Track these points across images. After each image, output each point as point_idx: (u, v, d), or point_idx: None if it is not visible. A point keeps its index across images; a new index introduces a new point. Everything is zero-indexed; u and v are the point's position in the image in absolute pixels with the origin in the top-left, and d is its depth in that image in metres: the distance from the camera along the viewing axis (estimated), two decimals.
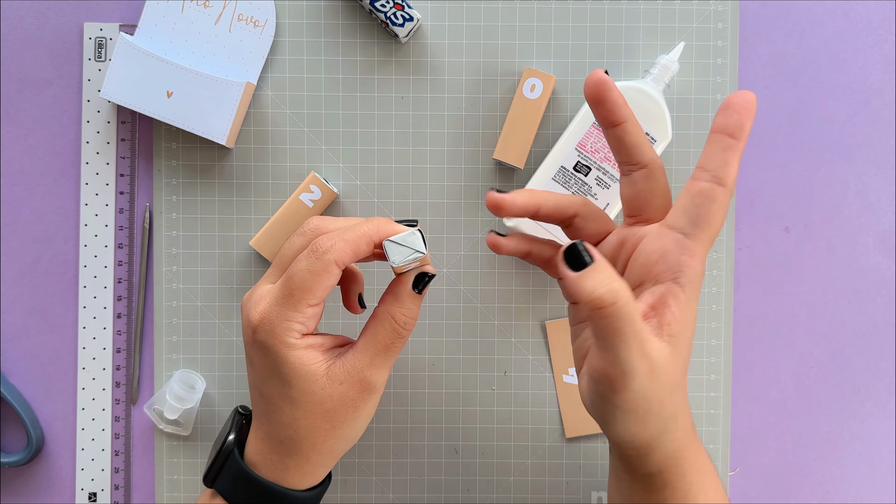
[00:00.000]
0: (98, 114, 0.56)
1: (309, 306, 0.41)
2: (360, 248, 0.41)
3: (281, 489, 0.44)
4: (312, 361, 0.42)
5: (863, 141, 0.56)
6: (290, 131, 0.56)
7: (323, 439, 0.44)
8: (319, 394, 0.42)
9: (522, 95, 0.53)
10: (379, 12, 0.53)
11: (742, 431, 0.57)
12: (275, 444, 0.44)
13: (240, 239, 0.56)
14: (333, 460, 0.45)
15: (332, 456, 0.45)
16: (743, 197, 0.56)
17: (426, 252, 0.42)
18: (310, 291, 0.41)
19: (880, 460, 0.57)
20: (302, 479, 0.44)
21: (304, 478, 0.44)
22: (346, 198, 0.56)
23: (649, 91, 0.50)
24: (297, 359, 0.42)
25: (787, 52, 0.56)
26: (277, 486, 0.44)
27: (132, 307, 0.56)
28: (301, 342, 0.42)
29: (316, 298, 0.41)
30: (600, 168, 0.51)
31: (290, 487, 0.44)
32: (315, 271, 0.41)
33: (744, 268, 0.56)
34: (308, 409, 0.43)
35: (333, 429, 0.43)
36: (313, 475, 0.45)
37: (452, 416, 0.56)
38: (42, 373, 0.56)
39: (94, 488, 0.56)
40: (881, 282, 0.56)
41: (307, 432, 0.43)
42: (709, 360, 0.56)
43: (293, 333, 0.41)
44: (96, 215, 0.56)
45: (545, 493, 0.56)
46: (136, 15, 0.55)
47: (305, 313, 0.41)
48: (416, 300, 0.43)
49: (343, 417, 0.43)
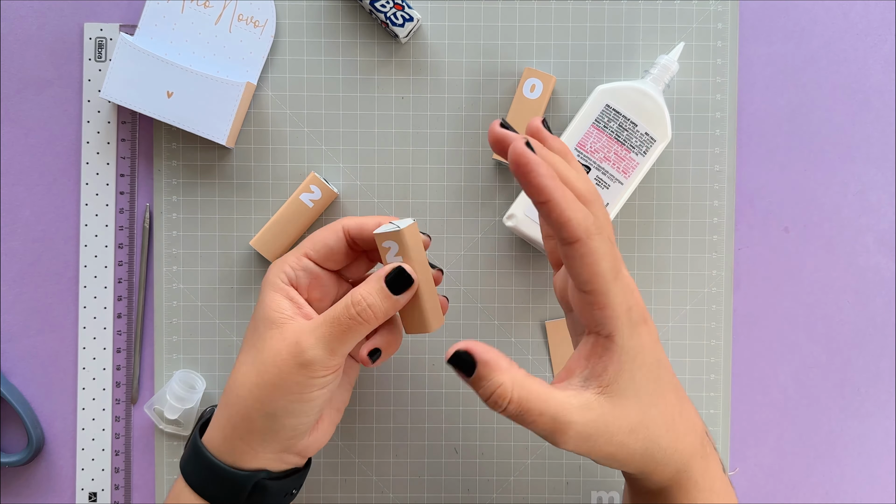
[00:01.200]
0: (98, 114, 0.56)
1: (304, 256, 0.46)
2: (366, 224, 0.46)
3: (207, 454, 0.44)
4: (279, 309, 0.44)
5: (863, 141, 0.56)
6: (290, 131, 0.56)
7: (247, 395, 0.43)
8: (266, 342, 0.43)
9: (522, 95, 0.53)
10: (379, 12, 0.53)
11: (742, 431, 0.57)
12: (222, 396, 0.45)
13: (240, 239, 0.56)
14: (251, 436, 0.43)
15: (249, 425, 0.43)
16: (743, 197, 0.56)
17: (401, 228, 0.43)
18: (311, 241, 0.46)
19: (880, 460, 0.57)
20: (226, 447, 0.44)
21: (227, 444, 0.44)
22: (346, 198, 0.56)
23: (649, 91, 0.50)
24: (271, 300, 0.44)
25: (787, 52, 0.56)
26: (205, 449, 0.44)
27: (132, 307, 0.56)
28: (283, 287, 0.45)
29: (314, 250, 0.45)
30: (600, 168, 0.51)
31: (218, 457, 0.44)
32: (323, 229, 0.47)
33: (744, 268, 0.56)
34: (253, 354, 0.43)
35: (259, 387, 0.43)
36: (234, 444, 0.44)
37: (452, 416, 0.56)
38: (42, 373, 0.56)
39: (94, 488, 0.56)
40: (881, 282, 0.56)
41: (241, 379, 0.44)
42: (709, 360, 0.56)
43: (281, 275, 0.45)
44: (96, 215, 0.56)
45: (545, 493, 0.56)
46: (136, 15, 0.55)
47: (300, 262, 0.45)
48: (383, 293, 0.42)
49: (269, 378, 0.42)
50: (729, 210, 0.56)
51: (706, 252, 0.56)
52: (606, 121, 0.51)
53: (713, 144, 0.55)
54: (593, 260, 0.37)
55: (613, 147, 0.51)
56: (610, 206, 0.51)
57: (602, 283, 0.37)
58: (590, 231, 0.37)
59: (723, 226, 0.56)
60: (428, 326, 0.44)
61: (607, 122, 0.51)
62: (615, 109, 0.51)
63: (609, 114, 0.51)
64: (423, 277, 0.44)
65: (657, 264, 0.56)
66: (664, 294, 0.56)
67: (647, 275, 0.56)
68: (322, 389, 0.43)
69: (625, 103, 0.51)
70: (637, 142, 0.51)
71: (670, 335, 0.56)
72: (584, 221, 0.37)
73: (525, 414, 0.37)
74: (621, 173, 0.51)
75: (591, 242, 0.37)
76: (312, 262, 0.46)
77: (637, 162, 0.51)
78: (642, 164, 0.51)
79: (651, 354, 0.40)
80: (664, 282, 0.56)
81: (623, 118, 0.51)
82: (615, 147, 0.51)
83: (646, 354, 0.39)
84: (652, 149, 0.51)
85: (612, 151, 0.51)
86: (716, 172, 0.56)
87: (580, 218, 0.36)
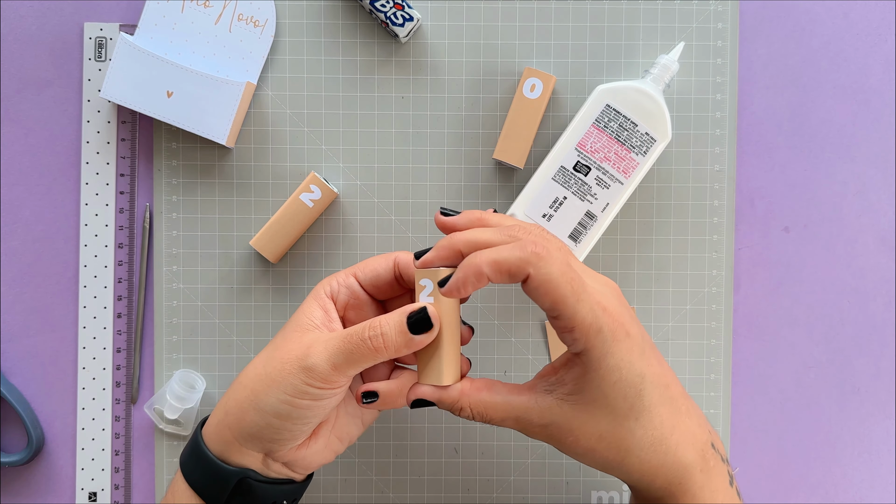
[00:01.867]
0: (98, 114, 0.56)
1: (352, 275, 0.46)
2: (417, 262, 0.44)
3: (207, 451, 0.44)
4: (311, 316, 0.44)
5: (863, 141, 0.56)
6: (290, 131, 0.56)
7: (245, 382, 0.43)
8: (286, 342, 0.43)
9: (522, 95, 0.53)
10: (379, 12, 0.53)
11: (742, 431, 0.57)
12: (227, 390, 0.45)
13: (240, 239, 0.56)
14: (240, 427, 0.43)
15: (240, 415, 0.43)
16: (743, 197, 0.56)
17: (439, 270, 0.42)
18: (363, 263, 0.46)
19: (880, 460, 0.57)
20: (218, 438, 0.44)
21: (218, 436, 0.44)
22: (346, 198, 0.56)
23: (649, 91, 0.50)
24: (307, 307, 0.45)
25: (787, 52, 0.56)
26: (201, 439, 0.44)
27: (132, 307, 0.56)
28: (322, 298, 0.45)
29: (362, 273, 0.46)
30: (600, 168, 0.51)
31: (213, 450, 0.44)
32: (378, 256, 0.47)
33: (744, 268, 0.56)
34: (269, 351, 0.44)
35: (257, 378, 0.43)
36: (223, 433, 0.44)
37: (452, 416, 0.56)
38: (42, 373, 0.56)
39: (94, 488, 0.56)
40: (881, 282, 0.56)
41: (247, 369, 0.44)
42: (709, 360, 0.56)
43: (326, 288, 0.45)
44: (96, 215, 0.56)
45: (545, 493, 0.56)
46: (136, 15, 0.55)
47: (347, 280, 0.46)
48: (401, 327, 0.41)
49: (269, 371, 0.42)
50: (729, 210, 0.56)
51: (706, 252, 0.56)
52: (607, 121, 0.51)
53: (713, 144, 0.55)
54: (548, 289, 0.38)
55: (613, 147, 0.51)
56: (610, 206, 0.51)
57: (565, 308, 0.38)
58: (529, 263, 0.38)
59: (723, 226, 0.56)
60: (441, 378, 0.42)
61: (607, 122, 0.51)
62: (615, 109, 0.51)
63: (609, 114, 0.51)
64: (449, 327, 0.42)
65: (657, 264, 0.56)
66: (664, 294, 0.56)
67: (647, 275, 0.56)
68: (316, 402, 0.42)
69: (625, 103, 0.51)
70: (637, 142, 0.51)
71: (670, 335, 0.56)
72: (519, 261, 0.38)
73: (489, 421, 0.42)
74: (621, 173, 0.51)
75: (538, 275, 0.38)
76: (359, 283, 0.46)
77: (637, 162, 0.51)
78: (642, 164, 0.51)
79: (631, 371, 0.40)
80: (664, 282, 0.56)
81: (623, 118, 0.51)
82: (615, 147, 0.51)
83: (622, 372, 0.40)
84: (652, 149, 0.51)
85: (613, 151, 0.51)
86: (716, 172, 0.56)
87: (514, 259, 0.38)
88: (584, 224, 0.51)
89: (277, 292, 0.56)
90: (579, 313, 0.38)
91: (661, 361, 0.42)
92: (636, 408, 0.40)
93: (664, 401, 0.41)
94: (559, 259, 0.38)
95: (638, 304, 0.56)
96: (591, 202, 0.51)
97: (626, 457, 0.41)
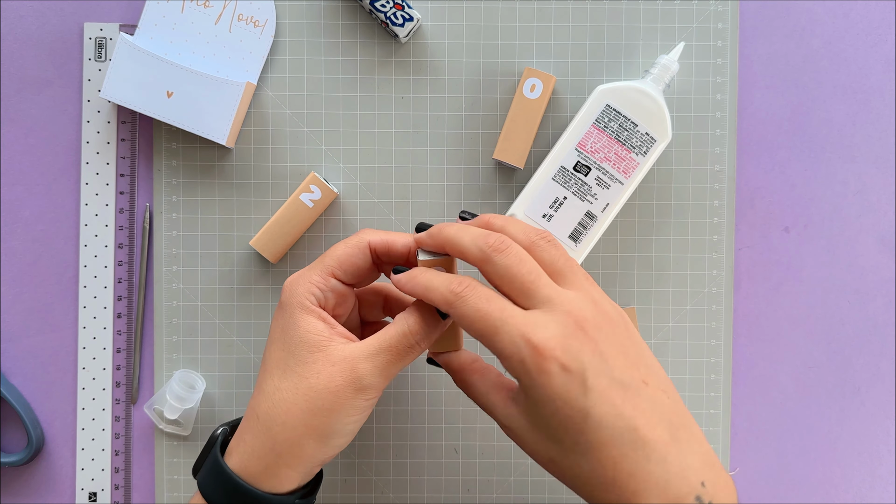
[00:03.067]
0: (98, 114, 0.56)
1: (333, 276, 0.44)
2: (394, 242, 0.45)
3: (245, 485, 0.42)
4: (316, 331, 0.43)
5: (863, 141, 0.56)
6: (290, 131, 0.56)
7: (295, 423, 0.42)
8: (311, 367, 0.42)
9: (522, 95, 0.53)
10: (379, 12, 0.53)
11: (742, 431, 0.57)
12: (252, 421, 0.43)
13: (240, 239, 0.56)
14: (299, 462, 0.42)
15: (298, 452, 0.42)
16: (743, 197, 0.56)
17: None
18: (337, 260, 0.44)
19: (880, 460, 0.57)
20: (267, 474, 0.42)
21: (268, 472, 0.42)
22: (346, 198, 0.56)
23: (649, 91, 0.50)
24: (305, 322, 0.43)
25: (787, 52, 0.56)
26: (242, 481, 0.42)
27: (132, 307, 0.56)
28: (315, 309, 0.43)
29: (342, 270, 0.44)
30: (600, 168, 0.51)
31: (255, 485, 0.42)
32: (348, 244, 0.45)
33: (744, 268, 0.56)
34: (295, 380, 0.42)
35: (310, 413, 0.41)
36: (277, 471, 0.42)
37: (452, 416, 0.56)
38: (42, 373, 0.56)
39: (94, 488, 0.56)
40: (881, 282, 0.56)
41: (285, 406, 0.42)
42: (709, 360, 0.56)
43: (310, 297, 0.43)
44: (96, 215, 0.56)
45: (545, 493, 0.56)
46: (136, 15, 0.55)
47: (328, 282, 0.44)
48: (435, 320, 0.43)
49: (322, 405, 0.41)
50: (729, 210, 0.56)
51: (706, 252, 0.56)
52: (607, 121, 0.51)
53: (713, 144, 0.55)
54: (464, 325, 0.40)
55: (614, 147, 0.51)
56: (610, 206, 0.51)
57: (484, 341, 0.40)
58: (448, 302, 0.40)
59: (723, 226, 0.56)
60: (459, 344, 0.45)
61: (608, 122, 0.51)
62: (615, 109, 0.51)
63: (609, 114, 0.51)
64: None
65: (657, 264, 0.56)
66: (664, 294, 0.56)
67: (647, 275, 0.56)
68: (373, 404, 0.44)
69: (625, 103, 0.51)
70: (637, 142, 0.51)
71: (670, 335, 0.56)
72: (441, 297, 0.40)
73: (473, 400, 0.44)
74: (621, 173, 0.51)
75: (455, 314, 0.40)
76: (340, 281, 0.45)
77: (637, 162, 0.51)
78: (642, 164, 0.51)
79: (569, 406, 0.38)
80: (664, 282, 0.56)
81: (623, 118, 0.51)
82: (615, 147, 0.51)
83: (556, 404, 0.38)
84: (652, 149, 0.51)
85: (613, 151, 0.51)
86: (716, 172, 0.56)
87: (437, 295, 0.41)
88: (584, 224, 0.51)
89: (277, 292, 0.56)
90: (497, 345, 0.39)
91: (635, 402, 0.38)
92: (580, 444, 0.38)
93: (622, 443, 0.37)
94: (480, 296, 0.40)
95: (638, 304, 0.56)
96: (592, 202, 0.51)
97: (581, 486, 0.39)
